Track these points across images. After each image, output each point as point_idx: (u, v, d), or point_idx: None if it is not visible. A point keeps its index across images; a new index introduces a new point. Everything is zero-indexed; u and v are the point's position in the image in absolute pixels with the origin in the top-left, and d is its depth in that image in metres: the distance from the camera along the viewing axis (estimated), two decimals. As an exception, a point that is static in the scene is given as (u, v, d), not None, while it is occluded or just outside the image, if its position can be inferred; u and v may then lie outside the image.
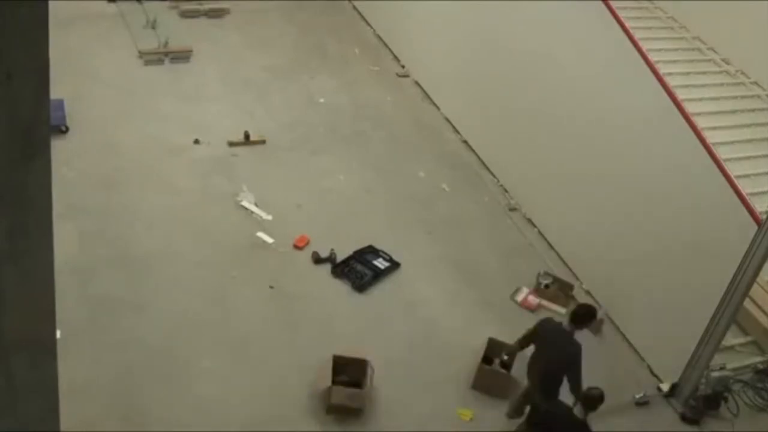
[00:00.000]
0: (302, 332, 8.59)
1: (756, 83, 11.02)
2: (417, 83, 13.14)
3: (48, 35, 2.53)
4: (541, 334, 7.52)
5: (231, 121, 11.49)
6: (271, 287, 9.05)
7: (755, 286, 8.24)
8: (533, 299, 9.42)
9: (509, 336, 8.25)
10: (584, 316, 7.42)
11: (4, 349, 2.94)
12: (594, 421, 6.99)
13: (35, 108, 2.63)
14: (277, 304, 8.86)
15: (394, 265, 9.57)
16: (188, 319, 8.47)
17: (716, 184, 7.90)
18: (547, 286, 9.49)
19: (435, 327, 8.93)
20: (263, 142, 11.21)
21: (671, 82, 8.68)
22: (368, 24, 14.61)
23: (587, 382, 7.10)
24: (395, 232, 10.12)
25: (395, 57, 13.75)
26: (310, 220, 10.05)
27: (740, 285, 7.82)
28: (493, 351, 8.38)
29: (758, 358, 8.99)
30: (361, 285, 9.22)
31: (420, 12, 12.78)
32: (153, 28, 13.09)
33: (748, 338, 9.16)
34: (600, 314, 8.71)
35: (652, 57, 8.75)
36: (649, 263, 8.80)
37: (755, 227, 7.61)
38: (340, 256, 9.53)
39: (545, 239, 10.36)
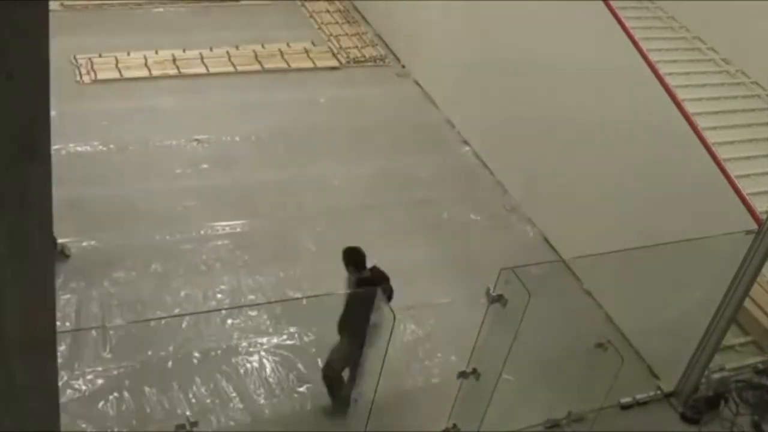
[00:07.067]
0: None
1: (756, 83, 11.02)
2: (417, 83, 13.14)
3: (48, 35, 2.53)
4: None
5: (229, 118, 11.50)
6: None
7: (755, 286, 8.24)
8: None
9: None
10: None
11: (4, 349, 2.94)
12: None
13: (35, 108, 2.63)
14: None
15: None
16: (188, 317, 8.46)
17: (716, 184, 7.90)
18: None
19: (435, 326, 8.92)
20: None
21: (671, 82, 8.68)
22: (368, 24, 14.60)
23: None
24: (394, 231, 10.12)
25: (395, 57, 13.74)
26: (305, 217, 10.05)
27: (740, 285, 7.82)
28: None
29: (758, 358, 8.98)
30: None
31: (420, 12, 12.78)
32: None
33: (748, 338, 9.15)
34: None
35: (652, 57, 8.76)
36: (650, 263, 8.79)
37: (755, 227, 7.62)
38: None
39: (545, 239, 10.35)
